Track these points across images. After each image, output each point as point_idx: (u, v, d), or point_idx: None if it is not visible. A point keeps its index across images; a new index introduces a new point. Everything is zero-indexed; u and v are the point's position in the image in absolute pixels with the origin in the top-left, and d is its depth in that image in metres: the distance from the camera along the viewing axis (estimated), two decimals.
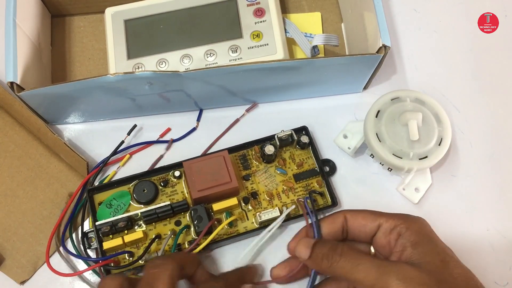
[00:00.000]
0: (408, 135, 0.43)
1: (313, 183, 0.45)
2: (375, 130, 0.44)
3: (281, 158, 0.46)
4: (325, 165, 0.46)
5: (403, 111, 0.44)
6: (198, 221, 0.41)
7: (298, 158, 0.46)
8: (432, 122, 0.44)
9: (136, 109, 0.47)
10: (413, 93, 0.45)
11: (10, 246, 0.43)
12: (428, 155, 0.43)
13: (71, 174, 0.46)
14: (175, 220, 0.43)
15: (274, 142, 0.45)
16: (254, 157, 0.45)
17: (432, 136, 0.43)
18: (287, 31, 0.50)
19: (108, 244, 0.41)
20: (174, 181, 0.44)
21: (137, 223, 0.42)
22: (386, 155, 0.43)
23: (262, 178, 0.45)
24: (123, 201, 0.43)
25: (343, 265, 0.34)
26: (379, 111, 0.44)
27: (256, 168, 0.45)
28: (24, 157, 0.46)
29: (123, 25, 0.48)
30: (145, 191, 0.43)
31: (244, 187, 0.44)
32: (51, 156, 0.46)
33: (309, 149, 0.46)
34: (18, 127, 0.47)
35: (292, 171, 0.45)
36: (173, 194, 0.44)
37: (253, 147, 0.46)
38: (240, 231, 0.42)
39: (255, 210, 0.43)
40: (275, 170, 0.45)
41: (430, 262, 0.33)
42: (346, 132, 0.47)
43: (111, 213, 0.42)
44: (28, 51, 0.45)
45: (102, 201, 0.43)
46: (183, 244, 0.42)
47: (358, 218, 0.38)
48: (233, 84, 0.45)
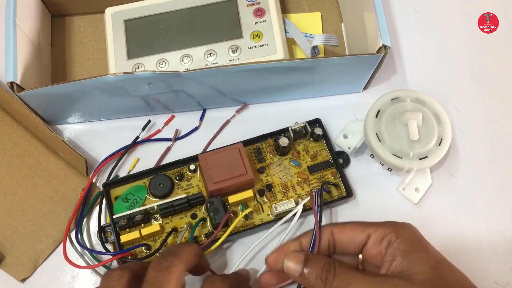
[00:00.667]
0: (408, 135, 0.43)
1: (328, 175, 0.45)
2: (375, 130, 0.44)
3: (295, 150, 0.46)
4: (339, 157, 0.46)
5: (403, 111, 0.44)
6: (215, 214, 0.41)
7: (312, 150, 0.46)
8: (432, 122, 0.44)
9: (137, 109, 0.47)
10: (413, 93, 0.45)
11: (10, 244, 0.43)
12: (428, 155, 0.43)
13: (70, 172, 0.46)
14: (191, 213, 0.43)
15: (288, 135, 0.45)
16: (268, 150, 0.46)
17: (432, 136, 0.43)
18: (287, 31, 0.50)
19: (126, 237, 0.41)
20: (189, 175, 0.45)
21: (154, 217, 0.43)
22: (386, 155, 0.43)
23: (276, 171, 0.45)
24: (139, 195, 0.43)
25: (337, 286, 0.33)
26: (379, 111, 0.44)
27: (271, 161, 0.46)
28: (22, 155, 0.46)
29: (123, 25, 0.48)
30: (161, 185, 0.43)
31: (259, 180, 0.45)
32: (49, 154, 0.46)
33: (322, 141, 0.46)
34: (16, 126, 0.47)
35: (306, 163, 0.45)
36: (189, 187, 0.44)
37: (267, 140, 0.46)
38: (256, 223, 0.43)
39: (271, 202, 0.44)
40: (289, 162, 0.45)
41: (420, 271, 0.33)
42: (346, 132, 0.47)
43: (128, 207, 0.43)
44: (28, 51, 0.45)
45: (118, 196, 0.43)
46: (200, 236, 0.42)
47: (346, 231, 0.37)
48: (233, 84, 0.45)
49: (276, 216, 0.43)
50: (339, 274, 0.34)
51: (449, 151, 0.46)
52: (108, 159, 0.46)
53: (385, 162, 0.43)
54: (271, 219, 0.43)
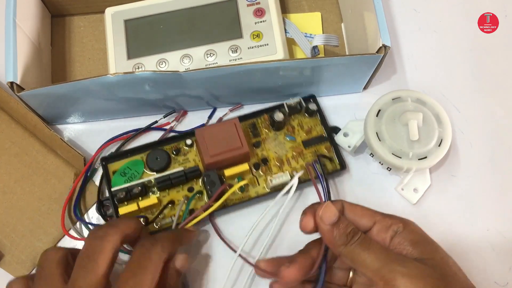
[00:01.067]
0: (408, 135, 0.43)
1: (322, 149, 0.46)
2: (375, 129, 0.44)
3: (290, 125, 0.47)
4: (333, 131, 0.47)
5: (404, 111, 0.44)
6: (211, 186, 0.42)
7: (306, 125, 0.47)
8: (433, 123, 0.44)
9: (136, 109, 0.47)
10: (414, 93, 0.45)
11: (9, 242, 0.43)
12: (427, 156, 0.43)
13: (68, 170, 0.46)
14: (188, 187, 0.44)
15: (283, 110, 0.46)
16: (264, 125, 0.47)
17: (432, 136, 0.43)
18: (287, 31, 0.50)
19: (124, 209, 0.42)
20: (186, 150, 0.45)
21: (151, 190, 0.44)
22: (385, 155, 0.43)
23: (272, 145, 0.46)
24: (136, 170, 0.44)
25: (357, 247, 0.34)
26: (380, 110, 0.44)
27: (266, 136, 0.46)
28: (21, 154, 0.46)
29: (123, 25, 0.48)
30: (158, 159, 0.44)
31: (255, 154, 0.45)
32: (47, 153, 0.46)
33: (317, 117, 0.47)
34: (14, 124, 0.47)
35: (301, 137, 0.46)
36: (185, 162, 0.45)
37: (262, 115, 0.47)
38: (251, 195, 0.44)
39: (266, 176, 0.44)
40: (284, 137, 0.46)
41: (431, 259, 0.33)
42: (346, 130, 0.47)
43: (126, 181, 0.44)
44: (28, 51, 0.45)
45: (116, 170, 0.44)
46: (196, 209, 0.43)
47: (356, 210, 0.37)
48: (233, 85, 0.45)
49: (272, 189, 0.43)
50: (363, 239, 0.34)
51: (449, 151, 0.46)
52: (109, 142, 0.47)
53: (384, 161, 0.43)
54: (266, 192, 0.44)
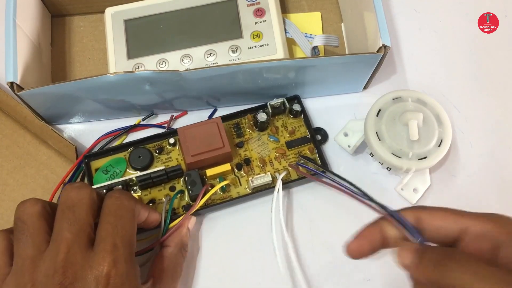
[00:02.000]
0: (408, 135, 0.43)
1: (305, 150, 0.46)
2: (375, 128, 0.44)
3: (274, 126, 0.47)
4: (317, 133, 0.47)
5: (404, 111, 0.44)
6: (192, 186, 0.42)
7: (290, 126, 0.47)
8: (433, 123, 0.44)
9: (137, 109, 0.47)
10: (415, 94, 0.45)
11: None
12: (427, 156, 0.43)
13: (60, 160, 0.46)
14: (169, 186, 0.44)
15: (267, 110, 0.45)
16: (247, 125, 0.46)
17: (432, 137, 0.43)
18: (287, 32, 0.50)
19: None
20: (169, 149, 0.45)
21: (133, 189, 0.43)
22: (385, 154, 0.43)
23: (255, 146, 0.46)
24: (119, 168, 0.44)
25: (460, 276, 0.26)
26: (380, 110, 0.44)
27: (249, 136, 0.46)
28: (12, 146, 0.47)
29: (123, 25, 0.48)
30: (140, 157, 0.44)
31: (238, 154, 0.45)
32: (39, 144, 0.47)
33: (301, 118, 0.47)
34: (4, 117, 0.47)
35: (284, 138, 0.46)
36: (168, 161, 0.45)
37: (246, 115, 0.47)
38: (233, 196, 0.44)
39: (248, 176, 0.44)
40: (267, 137, 0.46)
41: None
42: (346, 130, 0.47)
43: (107, 179, 0.43)
44: (28, 51, 0.45)
45: (98, 168, 0.44)
46: (177, 209, 0.43)
47: (436, 218, 0.31)
48: (233, 84, 0.45)
49: (253, 190, 0.43)
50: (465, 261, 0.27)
51: (449, 151, 0.46)
52: (100, 139, 0.47)
53: (384, 161, 0.43)
54: (248, 192, 0.44)
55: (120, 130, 0.47)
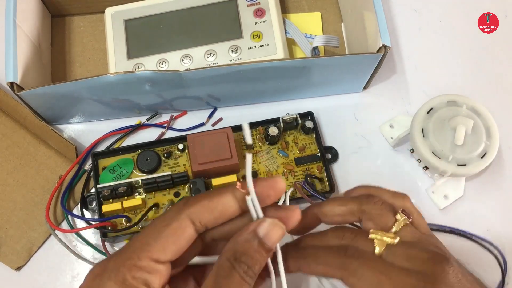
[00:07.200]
0: (453, 138, 0.43)
1: (313, 168, 0.45)
2: (423, 125, 0.44)
3: (284, 141, 0.46)
4: (328, 152, 0.47)
5: (456, 115, 0.43)
6: (196, 194, 0.42)
7: (301, 142, 0.46)
8: (482, 134, 0.43)
9: (137, 109, 0.47)
10: (471, 101, 0.45)
11: (4, 233, 0.44)
12: (467, 164, 0.42)
13: (60, 160, 0.46)
14: (174, 191, 0.44)
15: (279, 125, 0.45)
16: (258, 138, 0.46)
17: (477, 147, 0.43)
18: (287, 32, 0.50)
19: (107, 207, 0.42)
20: (177, 154, 0.45)
21: (137, 191, 0.43)
22: (425, 151, 0.43)
23: (263, 159, 0.45)
24: (126, 168, 0.44)
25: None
26: (432, 109, 0.44)
27: (259, 149, 0.46)
28: (12, 146, 0.47)
29: (123, 25, 0.48)
30: (148, 160, 0.44)
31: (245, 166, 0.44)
32: (39, 144, 0.47)
33: (312, 135, 0.47)
34: (4, 117, 0.47)
35: (294, 154, 0.46)
36: (175, 166, 0.45)
37: (257, 128, 0.46)
38: None
39: None
40: (277, 152, 0.46)
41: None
42: (393, 122, 0.47)
43: (114, 179, 0.43)
44: (28, 51, 0.45)
45: (106, 166, 0.44)
46: None
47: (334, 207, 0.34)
48: (233, 85, 0.45)
49: None
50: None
51: (490, 166, 0.44)
52: (101, 137, 0.47)
53: (423, 158, 0.43)
54: None
55: (121, 129, 0.47)
